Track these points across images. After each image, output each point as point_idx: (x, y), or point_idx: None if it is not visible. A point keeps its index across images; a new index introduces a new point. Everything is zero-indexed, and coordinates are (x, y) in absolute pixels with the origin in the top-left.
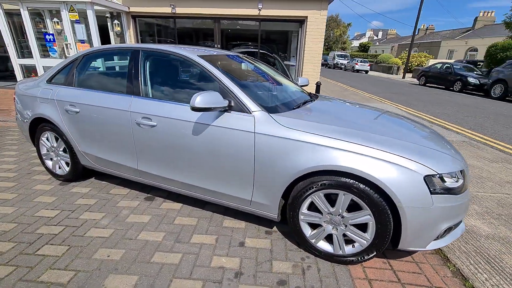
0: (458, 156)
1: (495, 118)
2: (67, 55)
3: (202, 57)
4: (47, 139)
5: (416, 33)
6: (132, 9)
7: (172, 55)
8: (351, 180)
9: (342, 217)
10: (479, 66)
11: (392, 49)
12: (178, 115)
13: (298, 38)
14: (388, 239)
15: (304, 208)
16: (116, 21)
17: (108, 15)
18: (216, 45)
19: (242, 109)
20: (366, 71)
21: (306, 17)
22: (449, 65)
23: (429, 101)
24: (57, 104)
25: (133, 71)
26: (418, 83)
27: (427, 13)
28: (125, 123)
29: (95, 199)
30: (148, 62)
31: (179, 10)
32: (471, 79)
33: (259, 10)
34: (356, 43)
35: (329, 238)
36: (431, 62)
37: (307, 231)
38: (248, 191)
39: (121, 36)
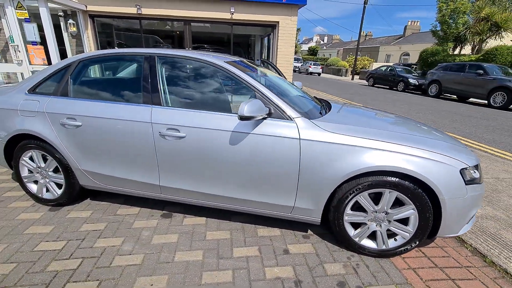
0: (471, 152)
1: (439, 114)
2: (13, 58)
3: (230, 63)
4: (31, 159)
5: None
6: (90, 7)
7: (196, 61)
8: (397, 179)
9: (386, 213)
10: (413, 68)
11: (338, 53)
12: (211, 124)
13: (270, 42)
14: (429, 229)
15: (348, 209)
16: (71, 21)
17: (61, 13)
18: (187, 48)
19: (282, 116)
20: (319, 73)
21: (278, 22)
22: (392, 68)
23: (382, 100)
24: (48, 118)
25: (150, 79)
26: (367, 84)
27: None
28: (145, 135)
29: (104, 223)
30: (166, 69)
31: (146, 11)
32: (411, 80)
33: (232, 14)
34: (305, 47)
35: (370, 235)
36: (375, 65)
37: (351, 231)
38: (291, 198)
39: (77, 37)
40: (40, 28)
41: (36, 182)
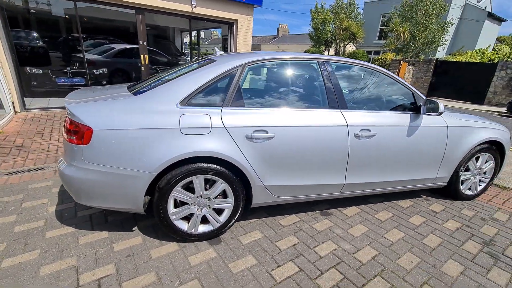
0: None
1: None
2: None
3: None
4: (186, 188)
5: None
6: None
7: (366, 68)
8: (490, 145)
9: (480, 169)
10: None
11: (220, 48)
12: (393, 121)
13: (228, 40)
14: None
15: (463, 171)
16: None
17: None
18: (142, 43)
19: (432, 111)
20: None
21: (237, 20)
22: None
23: None
24: (230, 133)
25: (331, 83)
26: None
27: None
28: (341, 138)
29: (290, 236)
30: (339, 74)
31: None
32: None
33: (193, 7)
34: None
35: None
36: None
37: (462, 186)
38: (435, 171)
39: None
40: None
41: (187, 217)
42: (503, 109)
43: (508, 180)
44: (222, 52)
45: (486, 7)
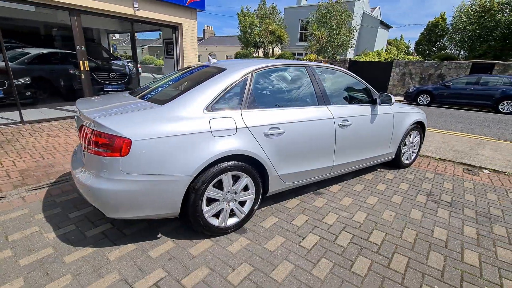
0: None
1: None
2: None
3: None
4: (216, 186)
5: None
6: None
7: (333, 69)
8: (418, 125)
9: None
10: None
11: (142, 50)
12: (361, 112)
13: (174, 44)
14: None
15: (403, 145)
16: None
17: None
18: (80, 47)
19: (387, 102)
20: (139, 73)
21: (181, 24)
22: None
23: None
24: (252, 132)
25: (318, 84)
26: None
27: None
28: (330, 128)
29: (306, 216)
30: (321, 76)
31: None
32: None
33: (135, 10)
34: None
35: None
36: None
37: (403, 157)
38: (388, 147)
39: None
40: None
41: (217, 213)
42: (401, 98)
43: (425, 151)
44: (215, 60)
45: (377, 16)
